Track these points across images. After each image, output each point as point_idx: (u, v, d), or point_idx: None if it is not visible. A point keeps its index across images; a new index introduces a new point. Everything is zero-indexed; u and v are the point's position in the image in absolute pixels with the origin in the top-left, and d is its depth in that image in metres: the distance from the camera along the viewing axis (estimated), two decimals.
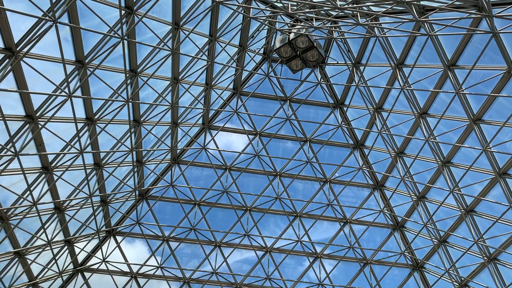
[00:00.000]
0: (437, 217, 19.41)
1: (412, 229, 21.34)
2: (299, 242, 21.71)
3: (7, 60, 11.11)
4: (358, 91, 18.94)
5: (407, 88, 16.37)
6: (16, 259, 16.86)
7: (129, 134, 16.67)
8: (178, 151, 21.01)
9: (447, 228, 19.17)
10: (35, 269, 18.29)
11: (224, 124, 21.09)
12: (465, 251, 18.53)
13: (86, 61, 13.22)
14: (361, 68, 18.38)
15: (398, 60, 16.50)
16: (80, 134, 14.72)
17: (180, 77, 17.02)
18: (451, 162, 17.40)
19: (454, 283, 19.76)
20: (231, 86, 20.37)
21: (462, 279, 19.47)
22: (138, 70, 15.13)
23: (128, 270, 21.18)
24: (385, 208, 21.55)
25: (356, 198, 22.81)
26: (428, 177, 18.87)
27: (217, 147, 21.11)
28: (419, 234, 20.53)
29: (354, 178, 21.63)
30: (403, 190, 20.32)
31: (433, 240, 19.61)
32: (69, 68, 12.90)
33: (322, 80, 20.21)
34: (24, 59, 11.42)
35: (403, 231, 21.97)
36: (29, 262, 17.35)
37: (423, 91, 16.59)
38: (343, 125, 20.75)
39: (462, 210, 17.66)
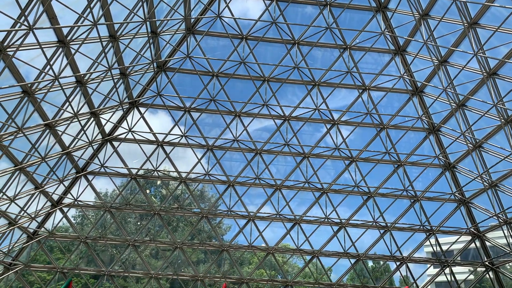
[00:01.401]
0: (457, 81, 19.21)
1: (431, 94, 21.31)
2: (316, 110, 22.09)
3: None
4: None
5: None
6: (47, 131, 17.80)
7: (141, 3, 16.08)
8: (192, 20, 20.40)
9: (466, 92, 19.06)
10: (66, 140, 19.42)
11: None
12: (483, 114, 18.65)
13: None
14: None
15: None
16: (92, 5, 14.28)
17: None
18: (478, 24, 16.54)
19: (469, 145, 20.30)
20: None
21: (477, 140, 19.95)
22: None
23: (154, 139, 22.27)
24: (405, 74, 21.28)
25: (376, 64, 22.47)
26: (452, 40, 18.19)
27: (232, 15, 20.36)
28: (437, 99, 20.55)
29: (375, 44, 21.01)
30: (425, 54, 19.80)
31: (452, 104, 19.66)
32: None
33: None
34: None
35: (421, 96, 21.98)
36: (60, 133, 18.35)
37: None
38: None
39: (485, 74, 17.31)
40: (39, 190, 19.88)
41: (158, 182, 26.85)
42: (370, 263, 26.92)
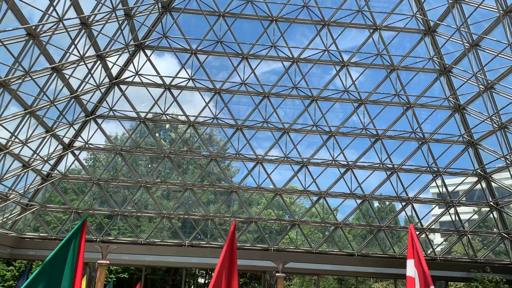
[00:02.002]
0: (472, 19, 18.56)
1: (444, 34, 20.70)
2: (326, 52, 21.65)
3: None
4: None
5: None
6: (55, 74, 17.77)
7: None
8: None
9: (481, 31, 18.48)
10: (74, 83, 19.42)
11: None
12: (496, 54, 18.19)
13: None
14: None
15: None
16: None
17: None
18: None
19: (480, 86, 19.99)
20: None
21: (489, 82, 19.61)
22: None
23: (161, 82, 22.17)
24: (417, 13, 20.57)
25: (388, 3, 21.64)
26: None
27: None
28: (450, 39, 19.99)
29: None
30: None
31: (465, 44, 19.14)
32: None
33: None
34: None
35: (434, 36, 21.37)
36: (67, 77, 18.31)
37: None
38: None
39: (501, 11, 16.67)
40: (50, 134, 20.18)
41: (167, 126, 27.08)
42: (376, 204, 27.54)
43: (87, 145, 22.74)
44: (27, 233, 24.09)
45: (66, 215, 24.94)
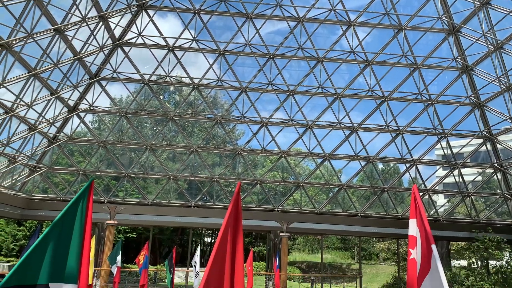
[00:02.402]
0: None
1: None
2: (332, 11, 21.14)
3: None
4: None
5: None
6: (57, 36, 17.56)
7: None
8: None
9: None
10: (77, 45, 19.23)
11: None
12: (507, 12, 17.70)
13: None
14: None
15: None
16: None
17: None
18: None
19: (489, 46, 19.58)
20: None
21: (498, 42, 19.19)
22: None
23: (164, 44, 21.88)
24: None
25: None
26: None
27: None
28: None
29: None
30: None
31: (475, 2, 18.60)
32: None
33: None
34: None
35: None
36: (70, 38, 18.10)
37: None
38: None
39: None
40: (55, 96, 20.18)
41: (171, 88, 26.95)
42: (380, 166, 27.70)
43: (92, 108, 22.76)
44: (36, 195, 24.56)
45: (74, 177, 25.32)
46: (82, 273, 4.38)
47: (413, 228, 4.19)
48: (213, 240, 42.03)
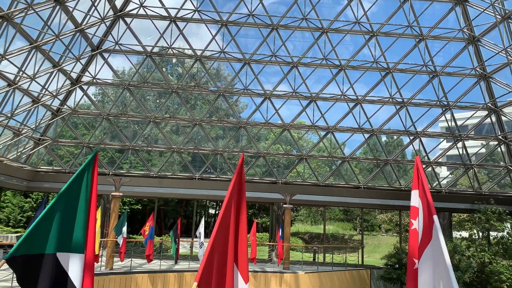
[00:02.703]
0: None
1: None
2: None
3: None
4: None
5: None
6: (58, 7, 17.32)
7: None
8: None
9: None
10: (78, 17, 18.99)
11: None
12: None
13: None
14: None
15: None
16: None
17: None
18: None
19: (497, 16, 19.19)
20: None
21: (507, 11, 18.80)
22: None
23: (166, 15, 21.57)
24: None
25: None
26: None
27: None
28: None
29: None
30: None
31: None
32: None
33: None
34: None
35: None
36: (71, 9, 17.86)
37: None
38: None
39: None
40: (57, 68, 20.08)
41: (174, 60, 26.73)
42: (384, 138, 27.68)
43: (94, 80, 22.66)
44: (41, 167, 24.79)
45: (78, 150, 25.47)
46: (88, 243, 4.47)
47: (415, 199, 4.22)
48: (217, 212, 42.56)
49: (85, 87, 23.08)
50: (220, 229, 3.73)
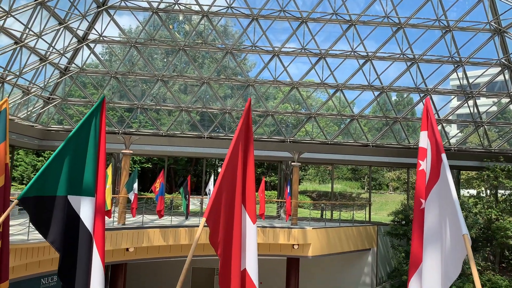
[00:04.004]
0: None
1: None
2: None
3: None
4: None
5: None
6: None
7: None
8: None
9: None
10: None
11: None
12: None
13: None
14: None
15: None
16: None
17: None
18: None
19: None
20: None
21: None
22: None
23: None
24: None
25: None
26: None
27: None
28: None
29: None
30: None
31: None
32: None
33: None
34: None
35: None
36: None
37: None
38: None
39: None
40: (63, 26, 19.87)
41: (181, 18, 26.28)
42: (394, 97, 27.36)
43: (101, 38, 22.44)
44: (52, 126, 25.04)
45: (88, 109, 25.58)
46: (98, 187, 4.57)
47: (424, 140, 4.21)
48: None
49: (92, 45, 22.89)
50: (227, 170, 3.78)
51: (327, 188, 39.90)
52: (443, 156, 3.68)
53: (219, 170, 44.12)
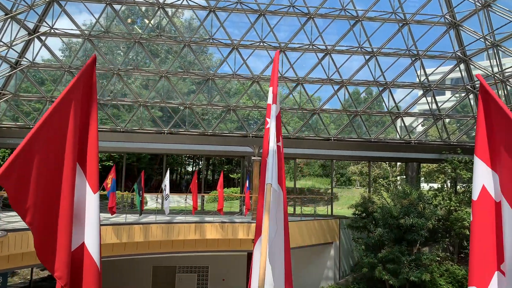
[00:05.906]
0: None
1: None
2: None
3: None
4: None
5: None
6: None
7: None
8: None
9: None
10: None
11: None
12: None
13: None
14: None
15: None
16: None
17: None
18: None
19: None
20: None
21: None
22: None
23: None
24: None
25: None
26: None
27: None
28: None
29: None
30: None
31: None
32: None
33: None
34: None
35: None
36: None
37: None
38: None
39: None
40: (9, 16, 19.10)
41: (143, 9, 25.69)
42: (363, 95, 27.40)
43: (53, 31, 21.70)
44: (4, 123, 24.10)
45: (42, 104, 24.73)
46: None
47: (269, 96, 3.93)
48: (194, 168, 42.47)
49: (43, 38, 22.11)
50: (46, 129, 3.23)
51: (297, 184, 39.80)
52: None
53: (188, 168, 43.50)
